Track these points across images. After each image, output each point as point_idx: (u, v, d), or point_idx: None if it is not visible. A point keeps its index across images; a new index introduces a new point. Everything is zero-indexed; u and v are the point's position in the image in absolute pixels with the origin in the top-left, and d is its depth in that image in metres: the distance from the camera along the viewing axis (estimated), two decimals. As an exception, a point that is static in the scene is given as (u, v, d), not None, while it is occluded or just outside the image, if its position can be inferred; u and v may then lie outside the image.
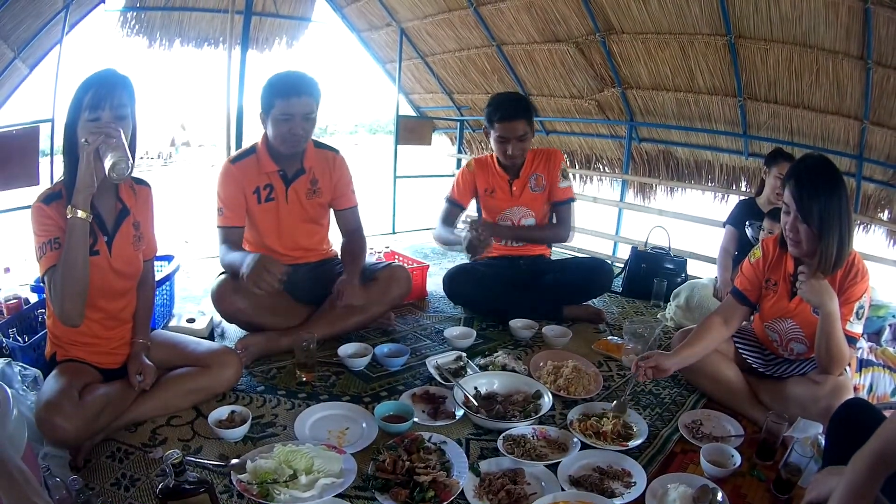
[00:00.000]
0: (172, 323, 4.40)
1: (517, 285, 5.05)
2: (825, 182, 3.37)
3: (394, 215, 9.56)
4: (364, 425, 3.03)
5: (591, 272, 5.24)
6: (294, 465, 2.52)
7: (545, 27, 8.43)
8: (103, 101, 2.78)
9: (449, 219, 5.32)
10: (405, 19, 9.48)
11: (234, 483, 2.48)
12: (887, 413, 3.29)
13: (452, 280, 5.11)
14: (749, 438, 3.50)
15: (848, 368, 3.86)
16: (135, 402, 3.07)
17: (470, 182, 5.33)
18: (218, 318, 4.27)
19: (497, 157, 5.24)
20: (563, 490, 2.73)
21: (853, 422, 2.51)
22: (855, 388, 4.25)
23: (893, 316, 5.61)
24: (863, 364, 4.59)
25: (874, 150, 7.15)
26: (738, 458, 3.14)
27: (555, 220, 5.42)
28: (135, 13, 8.37)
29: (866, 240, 7.68)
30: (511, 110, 4.98)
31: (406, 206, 9.50)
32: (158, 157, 31.43)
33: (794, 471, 2.93)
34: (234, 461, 2.62)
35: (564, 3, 7.94)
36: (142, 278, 3.35)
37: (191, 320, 4.40)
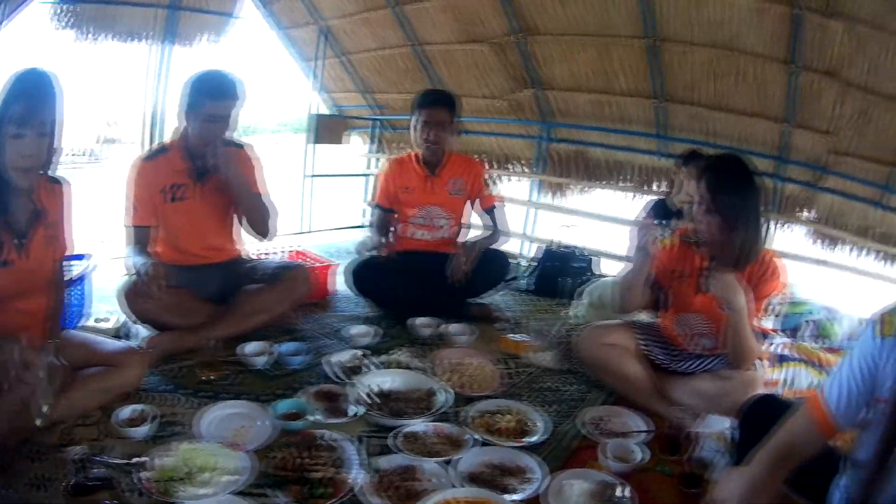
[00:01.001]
0: (85, 323, 4.35)
1: (421, 279, 5.07)
2: (738, 178, 3.51)
3: (305, 214, 9.46)
4: (262, 423, 3.04)
5: (487, 262, 5.21)
6: (194, 463, 2.55)
7: (464, 27, 8.45)
8: (28, 120, 2.75)
9: (381, 224, 5.36)
10: (328, 17, 9.45)
11: (139, 481, 2.49)
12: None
13: (357, 271, 5.16)
14: (656, 434, 3.49)
15: (764, 363, 4.03)
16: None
17: (387, 186, 5.40)
18: (129, 318, 4.21)
19: (416, 155, 5.35)
20: (457, 486, 2.73)
21: (763, 416, 2.50)
22: (773, 383, 4.36)
23: (811, 312, 5.73)
24: (781, 359, 4.68)
25: (797, 151, 7.31)
26: (641, 454, 3.17)
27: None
28: (67, 6, 8.00)
29: (788, 238, 7.84)
30: (436, 96, 5.29)
31: (320, 206, 9.43)
32: (84, 154, 30.82)
33: (701, 465, 2.97)
34: (137, 459, 2.61)
35: (485, 4, 7.95)
36: (51, 277, 3.31)
37: (101, 320, 4.37)
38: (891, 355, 1.87)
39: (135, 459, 2.62)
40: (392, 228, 5.32)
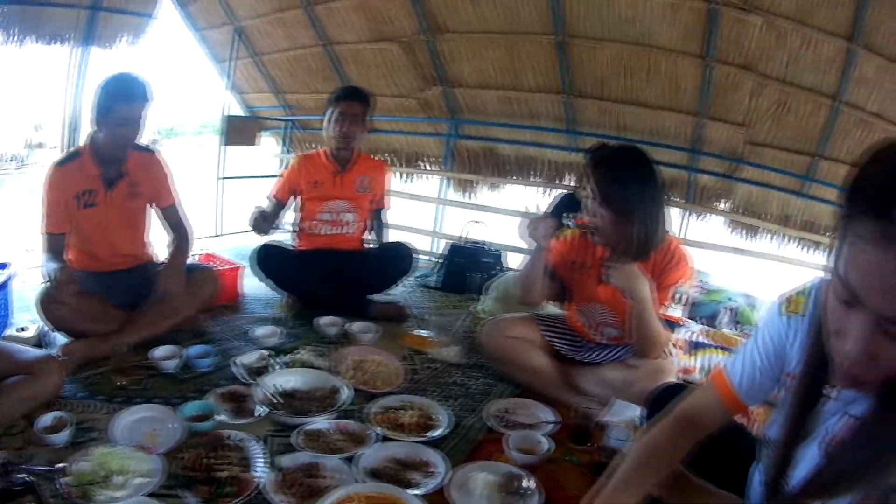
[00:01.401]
0: (6, 332, 4.32)
1: (326, 272, 5.14)
2: (629, 169, 3.53)
3: (218, 217, 9.40)
4: (172, 426, 3.06)
5: (389, 253, 5.41)
6: (109, 467, 2.59)
7: (374, 26, 8.52)
8: None
9: (270, 215, 5.32)
10: (242, 18, 9.44)
11: (60, 486, 2.52)
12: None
13: (262, 254, 5.21)
14: (564, 424, 3.52)
15: (678, 351, 4.14)
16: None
17: (294, 180, 5.42)
18: (46, 326, 4.19)
19: (326, 151, 5.41)
20: (359, 482, 2.74)
21: (672, 404, 2.41)
22: (689, 371, 4.49)
23: (730, 299, 5.89)
24: (696, 347, 4.79)
25: (711, 143, 7.50)
26: (547, 444, 3.19)
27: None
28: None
29: (705, 229, 8.08)
30: (353, 91, 5.31)
31: (234, 208, 9.14)
32: (12, 159, 30.17)
33: (610, 454, 2.97)
34: (58, 465, 2.64)
35: (395, 3, 8.06)
36: None
37: (22, 329, 4.33)
38: (798, 332, 1.89)
39: (56, 466, 2.65)
40: (278, 224, 5.42)
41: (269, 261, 5.19)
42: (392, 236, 5.72)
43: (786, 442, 1.79)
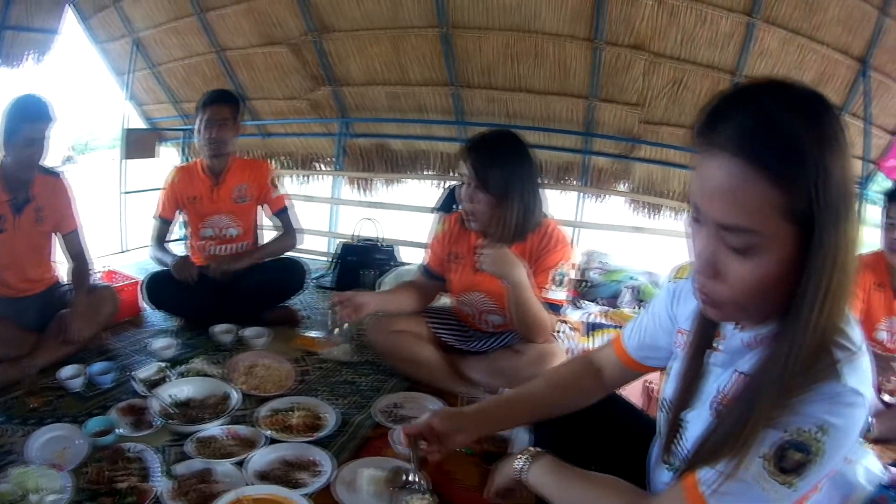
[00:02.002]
0: None
1: (218, 291, 5.01)
2: (503, 152, 3.60)
3: (122, 232, 9.29)
4: (79, 442, 3.09)
5: (283, 272, 5.29)
6: (26, 486, 2.66)
7: (263, 30, 8.61)
8: None
9: (160, 237, 5.34)
10: (140, 29, 9.42)
11: None
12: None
13: (152, 284, 5.06)
14: None
15: (572, 333, 4.24)
16: None
17: (172, 196, 5.28)
18: None
19: (202, 162, 5.26)
20: (249, 485, 2.77)
21: None
22: (586, 352, 4.66)
23: (631, 279, 6.05)
24: (593, 328, 4.96)
25: (606, 125, 7.69)
26: None
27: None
28: None
29: (603, 210, 8.34)
30: (218, 95, 5.15)
31: (136, 222, 8.91)
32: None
33: (499, 442, 3.03)
34: None
35: (281, 5, 8.13)
36: None
37: None
38: (685, 291, 1.99)
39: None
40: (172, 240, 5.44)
41: (157, 292, 5.08)
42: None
43: (678, 399, 1.89)
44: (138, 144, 9.57)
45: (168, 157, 10.68)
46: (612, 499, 1.78)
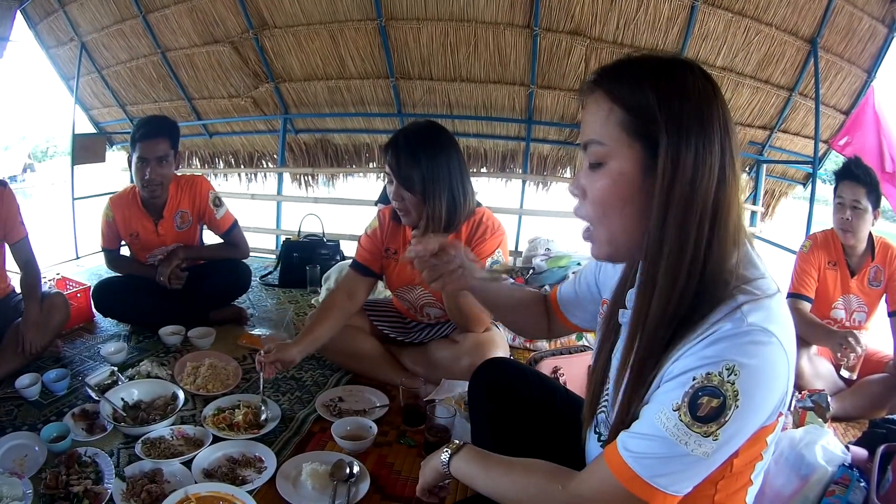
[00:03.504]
0: None
1: (165, 294, 4.98)
2: (424, 146, 3.55)
3: (74, 238, 8.94)
4: (37, 449, 3.15)
5: (229, 274, 5.25)
6: None
7: (205, 29, 8.66)
8: None
9: (114, 261, 5.27)
10: (86, 32, 9.39)
11: None
12: (572, 357, 3.89)
13: (99, 292, 5.01)
14: (393, 407, 3.69)
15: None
16: None
17: (111, 232, 5.13)
18: None
19: (137, 192, 5.02)
20: (195, 483, 2.82)
21: (491, 377, 2.60)
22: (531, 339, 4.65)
23: (579, 263, 6.05)
24: None
25: (547, 112, 7.81)
26: (374, 429, 3.33)
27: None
28: None
29: (549, 196, 8.46)
30: (153, 127, 4.82)
31: (88, 228, 8.07)
32: None
33: (440, 431, 3.12)
34: None
35: (222, 3, 8.19)
36: None
37: None
38: (613, 267, 2.07)
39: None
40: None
41: (105, 299, 5.02)
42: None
43: (595, 362, 1.96)
44: (87, 149, 9.42)
45: (117, 161, 11.02)
46: (536, 478, 1.80)
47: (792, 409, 3.53)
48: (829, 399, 3.51)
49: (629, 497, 1.53)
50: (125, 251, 5.38)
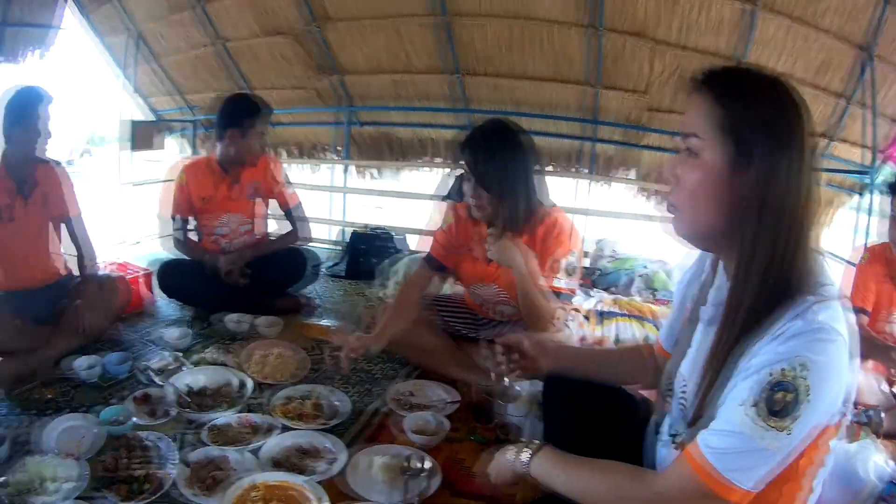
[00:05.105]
0: None
1: (224, 285, 4.96)
2: (499, 145, 3.54)
3: (132, 223, 8.72)
4: (95, 431, 3.11)
5: (283, 262, 5.28)
6: (43, 475, 2.70)
7: (264, 20, 8.57)
8: None
9: (183, 235, 5.26)
10: (140, 21, 9.39)
11: (2, 498, 2.63)
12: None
13: (166, 272, 5.10)
14: (465, 403, 3.62)
15: (582, 321, 4.26)
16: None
17: (185, 197, 5.18)
18: None
19: (211, 159, 5.19)
20: (261, 472, 2.78)
21: (565, 378, 2.53)
22: (599, 341, 4.57)
23: (644, 266, 6.01)
24: (603, 316, 4.88)
25: (609, 112, 7.63)
26: (445, 424, 3.29)
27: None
28: None
29: (609, 197, 8.29)
30: (260, 106, 5.06)
31: (145, 213, 8.17)
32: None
33: (510, 430, 3.10)
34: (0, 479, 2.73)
35: None
36: None
37: None
38: (696, 264, 2.16)
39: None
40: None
41: (170, 281, 5.11)
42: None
43: (673, 362, 2.06)
44: (144, 137, 9.43)
45: (174, 148, 10.69)
46: (618, 478, 1.82)
47: (848, 422, 3.41)
48: (882, 416, 3.49)
49: (707, 493, 1.59)
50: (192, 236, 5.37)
